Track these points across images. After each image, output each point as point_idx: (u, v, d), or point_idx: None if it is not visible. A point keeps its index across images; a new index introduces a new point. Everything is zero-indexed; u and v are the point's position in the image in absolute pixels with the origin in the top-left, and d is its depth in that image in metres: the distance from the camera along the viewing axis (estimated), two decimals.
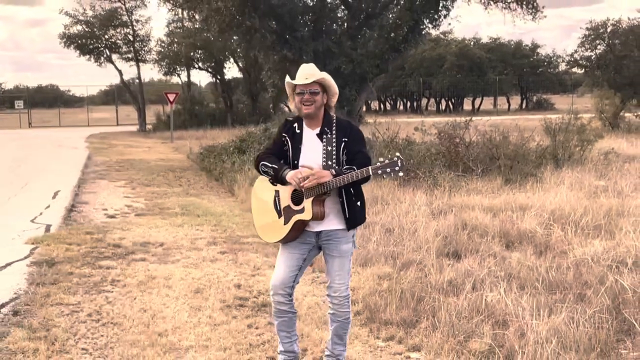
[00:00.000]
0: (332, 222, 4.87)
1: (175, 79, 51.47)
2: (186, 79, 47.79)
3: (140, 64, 44.35)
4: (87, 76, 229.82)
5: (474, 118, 18.00)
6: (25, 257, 8.41)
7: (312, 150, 4.90)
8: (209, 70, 45.40)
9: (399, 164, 4.58)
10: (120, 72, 45.42)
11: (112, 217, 11.62)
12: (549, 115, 22.27)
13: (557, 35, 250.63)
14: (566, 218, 9.96)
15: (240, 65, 45.45)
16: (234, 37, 25.71)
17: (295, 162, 4.89)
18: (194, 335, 5.79)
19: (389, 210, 11.19)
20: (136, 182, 16.39)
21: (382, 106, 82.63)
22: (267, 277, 7.80)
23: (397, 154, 4.71)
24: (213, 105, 47.43)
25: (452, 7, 20.95)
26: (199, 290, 7.16)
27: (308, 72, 4.99)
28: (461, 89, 73.71)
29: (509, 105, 79.89)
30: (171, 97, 33.95)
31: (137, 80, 46.38)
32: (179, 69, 45.81)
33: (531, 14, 22.18)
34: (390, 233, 9.57)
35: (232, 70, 54.69)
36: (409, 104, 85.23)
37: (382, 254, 8.44)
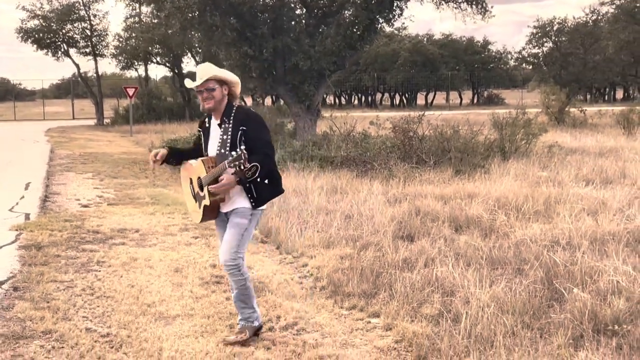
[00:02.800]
0: (236, 202, 5.41)
1: (130, 73, 51.58)
2: (144, 74, 48.03)
3: (98, 58, 44.55)
4: (37, 70, 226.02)
5: (426, 113, 18.88)
6: (13, 242, 9.02)
7: (214, 140, 5.46)
8: (167, 64, 45.76)
9: (242, 157, 4.93)
10: (77, 66, 45.51)
11: (86, 206, 12.23)
12: (498, 110, 23.28)
13: (508, 31, 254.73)
14: (509, 205, 10.91)
15: (198, 59, 45.83)
16: (196, 34, 26.20)
17: (206, 152, 5.52)
18: (179, 306, 6.53)
19: (348, 199, 12.01)
20: (103, 174, 16.94)
21: (337, 100, 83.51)
22: None
23: (242, 147, 5.11)
24: (171, 99, 47.79)
25: (406, 6, 21.85)
26: (178, 269, 7.89)
27: (201, 73, 5.38)
28: (415, 84, 74.93)
29: (461, 100, 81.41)
30: (130, 91, 34.35)
31: (94, 74, 46.47)
32: (136, 64, 46.04)
33: (481, 13, 23.13)
34: (350, 219, 10.39)
35: (189, 65, 55.03)
36: (363, 98, 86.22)
37: (342, 237, 9.25)
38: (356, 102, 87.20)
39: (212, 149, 5.46)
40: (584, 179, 13.63)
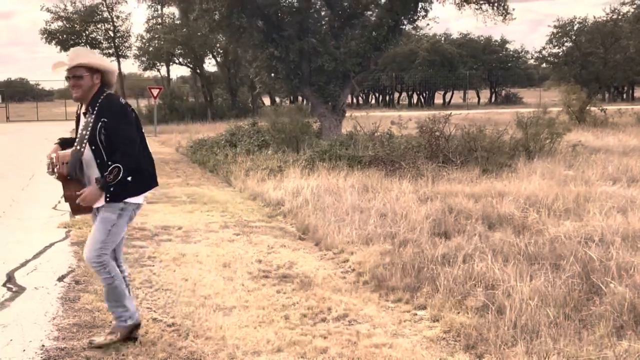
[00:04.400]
0: (102, 199, 5.14)
1: (148, 74, 52.26)
2: (165, 74, 48.62)
3: (121, 59, 45.13)
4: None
5: (453, 113, 19.15)
6: (64, 239, 9.42)
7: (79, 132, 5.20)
8: (189, 65, 46.28)
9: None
10: None
11: None
12: (521, 110, 23.53)
13: (524, 30, 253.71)
14: (540, 203, 11.19)
15: (218, 60, 46.35)
16: (222, 36, 26.61)
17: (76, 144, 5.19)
18: (234, 298, 6.87)
19: (380, 197, 12.30)
20: None
21: (354, 100, 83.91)
22: (282, 254, 8.92)
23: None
24: (192, 99, 48.33)
25: (430, 8, 22.18)
26: (226, 264, 8.24)
27: (69, 59, 5.11)
28: (433, 83, 75.17)
29: (479, 99, 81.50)
30: (155, 92, 34.82)
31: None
32: (158, 64, 46.61)
33: (502, 15, 23.40)
34: (385, 217, 10.69)
35: (209, 66, 55.67)
36: (380, 98, 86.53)
37: (380, 235, 9.55)
38: (373, 101, 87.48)
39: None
40: (611, 178, 13.88)
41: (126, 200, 5.17)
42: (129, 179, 5.08)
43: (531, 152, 17.57)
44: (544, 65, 44.14)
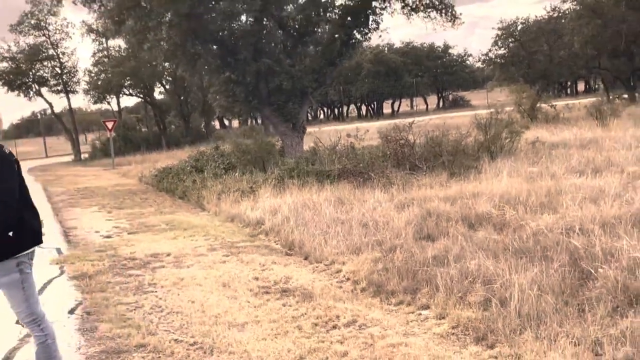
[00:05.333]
0: None
1: (94, 107, 52.15)
2: (116, 106, 48.41)
3: (70, 95, 44.85)
4: None
5: (416, 120, 19.55)
6: (61, 274, 9.49)
7: None
8: (139, 95, 46.17)
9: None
10: (50, 104, 45.80)
11: (108, 237, 12.68)
12: (470, 112, 24.10)
13: (462, 33, 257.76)
14: (514, 200, 11.57)
15: (168, 88, 46.35)
16: (178, 64, 26.73)
17: None
18: (243, 314, 7.06)
19: (356, 208, 12.58)
20: (108, 206, 17.35)
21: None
22: (275, 271, 9.12)
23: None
24: (145, 129, 48.20)
25: (381, 20, 22.64)
26: (225, 284, 8.41)
27: None
28: (380, 93, 76.08)
29: (427, 106, 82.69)
30: (109, 124, 34.69)
31: (51, 113, 46.74)
32: (108, 97, 46.42)
33: (450, 20, 23.99)
34: (366, 227, 10.96)
35: (159, 95, 55.24)
36: (329, 112, 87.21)
37: (367, 243, 9.82)
38: (322, 116, 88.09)
39: None
40: (575, 171, 14.36)
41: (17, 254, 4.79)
42: (10, 234, 4.70)
43: (493, 152, 18.04)
44: (491, 67, 45.31)
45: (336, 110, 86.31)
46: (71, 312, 7.48)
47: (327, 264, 9.29)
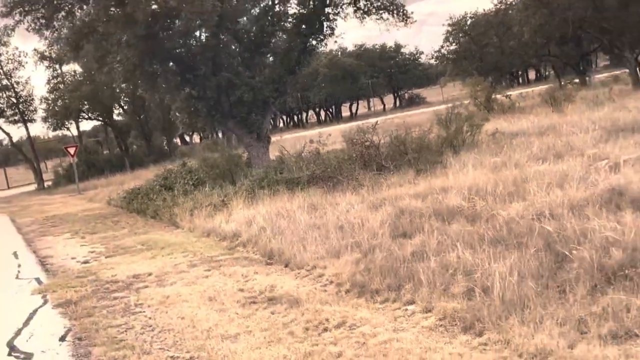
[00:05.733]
0: None
1: (51, 134, 51.68)
2: (76, 131, 48.06)
3: (28, 123, 44.43)
4: None
5: (377, 121, 19.82)
6: (45, 304, 9.52)
7: None
8: (99, 118, 45.91)
9: None
10: (9, 135, 45.32)
11: (86, 262, 12.70)
12: (427, 109, 24.47)
13: (410, 32, 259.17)
14: (482, 191, 11.85)
15: (126, 108, 46.16)
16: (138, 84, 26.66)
17: None
18: (234, 326, 7.20)
19: (330, 212, 12.76)
20: (81, 232, 17.33)
21: None
22: (258, 280, 9.27)
23: None
24: (107, 151, 47.93)
25: (335, 25, 22.89)
26: (211, 298, 8.54)
27: None
28: (337, 97, 76.47)
29: (384, 106, 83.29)
30: (72, 150, 34.47)
31: (9, 143, 46.23)
32: (67, 123, 46.07)
33: (402, 20, 24.32)
34: (343, 229, 11.14)
35: (119, 116, 54.77)
36: (288, 119, 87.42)
37: (345, 245, 10.00)
38: (282, 124, 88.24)
39: None
40: (538, 158, 14.71)
41: None
42: None
43: (456, 146, 18.36)
44: (444, 63, 46.02)
45: (295, 118, 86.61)
46: (62, 339, 7.54)
47: (309, 269, 9.46)
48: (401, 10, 23.94)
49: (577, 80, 40.80)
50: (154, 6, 19.41)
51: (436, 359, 5.58)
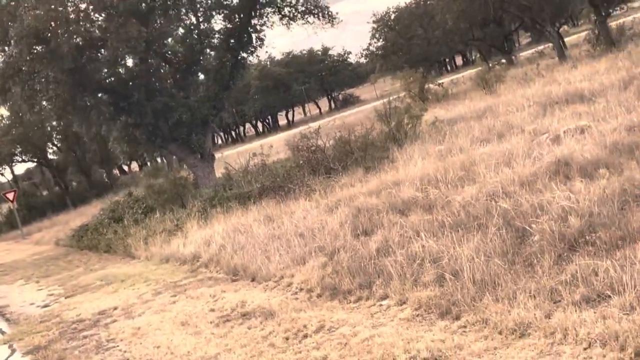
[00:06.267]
0: None
1: None
2: (11, 176, 47.08)
3: None
4: None
5: (319, 125, 19.87)
6: (13, 353, 9.33)
7: None
8: (33, 159, 45.04)
9: None
10: None
11: (46, 306, 12.47)
12: (363, 107, 24.64)
13: (336, 32, 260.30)
14: (434, 180, 12.00)
15: (60, 146, 45.40)
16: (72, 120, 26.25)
17: None
18: (213, 346, 7.17)
19: (287, 221, 12.76)
20: (34, 277, 16.99)
21: None
22: (228, 298, 9.24)
23: None
24: (46, 192, 47.03)
25: (264, 36, 22.94)
26: (184, 323, 8.48)
27: None
28: (272, 107, 76.44)
29: (320, 110, 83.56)
30: (10, 195, 33.79)
31: None
32: (1, 169, 45.11)
33: (329, 21, 24.51)
34: (303, 236, 11.16)
35: (54, 155, 53.58)
36: (226, 135, 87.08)
37: (309, 252, 10.04)
38: (220, 141, 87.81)
39: None
40: (481, 140, 14.96)
41: None
42: None
43: (399, 140, 18.53)
44: (374, 60, 46.46)
45: (233, 133, 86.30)
46: None
47: (276, 280, 9.46)
48: (326, 12, 24.13)
49: (504, 61, 41.60)
50: (78, 39, 19.17)
51: (420, 348, 5.65)
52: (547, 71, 28.00)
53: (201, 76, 23.35)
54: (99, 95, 21.63)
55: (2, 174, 46.86)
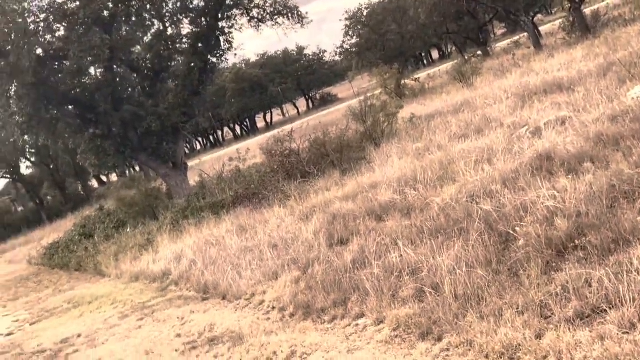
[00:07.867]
0: None
1: None
2: None
3: None
4: None
5: (291, 127, 19.30)
6: None
7: None
8: (5, 176, 44.16)
9: None
10: None
11: (10, 334, 11.80)
12: (340, 105, 24.09)
13: (311, 31, 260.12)
14: (412, 180, 11.44)
15: (33, 160, 44.56)
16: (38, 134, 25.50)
17: None
18: None
19: (261, 231, 12.17)
20: (1, 301, 16.29)
21: None
22: (196, 321, 8.64)
23: None
24: (21, 208, 46.15)
25: (233, 39, 22.31)
26: (148, 352, 7.87)
27: None
28: (250, 109, 75.72)
29: (298, 110, 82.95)
30: None
31: None
32: None
33: (298, 22, 23.96)
34: (276, 247, 10.58)
35: (27, 170, 52.69)
36: (204, 140, 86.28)
37: (282, 265, 9.45)
38: (199, 147, 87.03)
39: None
40: (459, 136, 14.42)
41: None
42: None
43: (376, 139, 17.98)
44: (349, 57, 45.95)
45: (211, 137, 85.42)
46: None
47: (247, 298, 8.89)
48: (295, 13, 23.57)
49: (480, 53, 41.19)
50: (39, 51, 18.48)
51: None
52: (523, 61, 27.55)
53: (171, 83, 22.64)
54: (65, 107, 20.91)
55: None
